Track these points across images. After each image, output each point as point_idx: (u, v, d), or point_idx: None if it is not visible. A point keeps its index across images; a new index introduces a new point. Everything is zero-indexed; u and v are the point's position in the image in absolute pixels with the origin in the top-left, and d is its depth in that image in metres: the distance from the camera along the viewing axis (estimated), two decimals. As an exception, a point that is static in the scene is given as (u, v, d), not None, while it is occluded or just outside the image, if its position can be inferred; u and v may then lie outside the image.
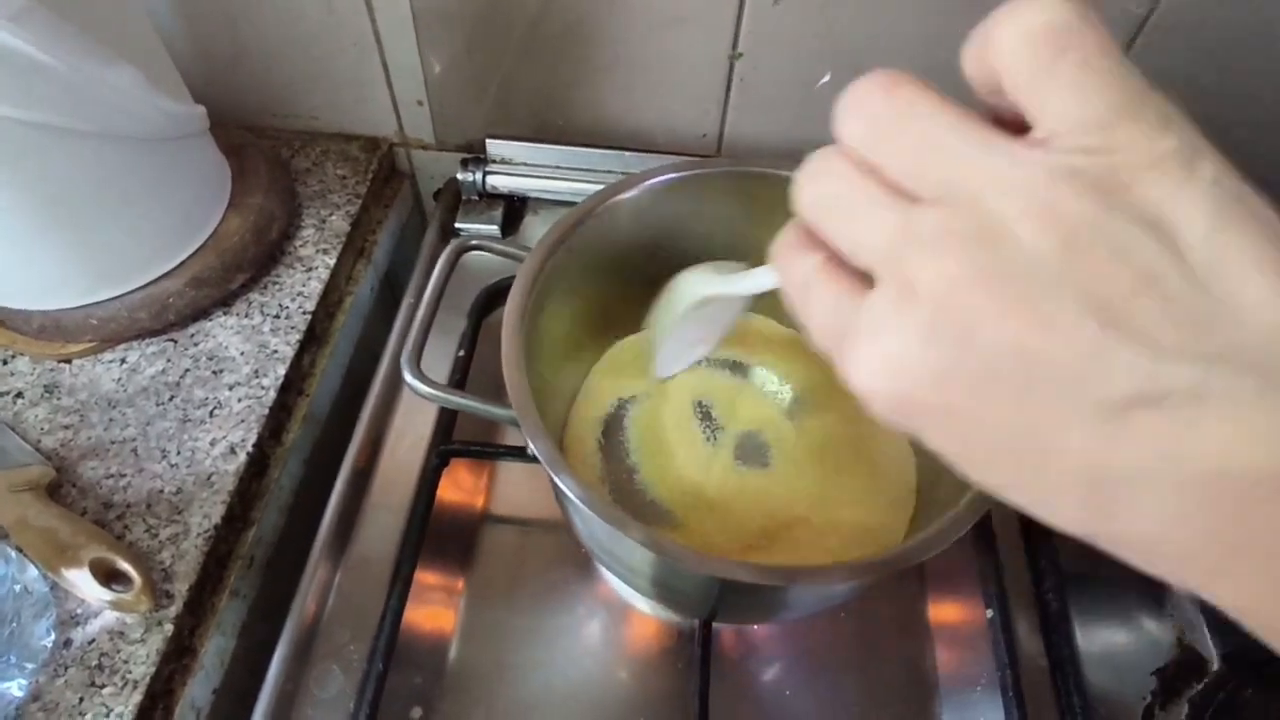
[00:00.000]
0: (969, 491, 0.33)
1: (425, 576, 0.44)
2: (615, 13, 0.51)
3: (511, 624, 0.44)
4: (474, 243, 0.43)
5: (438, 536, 0.45)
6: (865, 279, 0.19)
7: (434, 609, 0.44)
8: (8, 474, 0.42)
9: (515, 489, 0.48)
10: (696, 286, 0.35)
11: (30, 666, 0.37)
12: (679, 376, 0.46)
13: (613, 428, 0.45)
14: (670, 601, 0.43)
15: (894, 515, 0.42)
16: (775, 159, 0.43)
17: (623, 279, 0.45)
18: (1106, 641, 0.44)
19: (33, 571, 0.38)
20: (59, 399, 0.47)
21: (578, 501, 0.32)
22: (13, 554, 0.37)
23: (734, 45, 0.51)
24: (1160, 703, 0.42)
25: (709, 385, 0.47)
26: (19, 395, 0.47)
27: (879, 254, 0.18)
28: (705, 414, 0.46)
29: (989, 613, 0.43)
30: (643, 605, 0.45)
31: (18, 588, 0.36)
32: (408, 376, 0.37)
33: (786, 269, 0.21)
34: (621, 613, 0.44)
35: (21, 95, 0.38)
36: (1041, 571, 0.45)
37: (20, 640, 0.36)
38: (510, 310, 0.38)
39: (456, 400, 0.38)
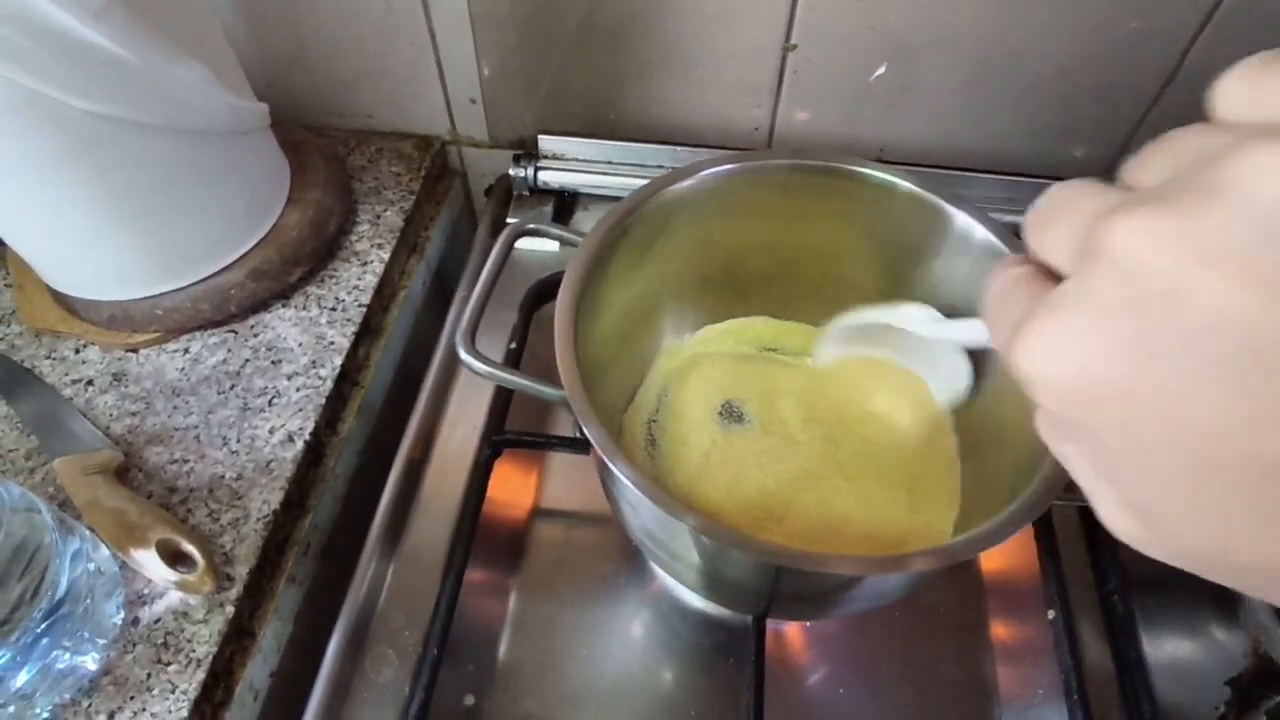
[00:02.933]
0: (1022, 495, 0.32)
1: (477, 567, 0.44)
2: (667, 7, 0.51)
3: (562, 616, 0.44)
4: (531, 226, 0.43)
5: (489, 529, 0.46)
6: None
7: (486, 599, 0.44)
8: (80, 458, 0.43)
9: (566, 483, 0.48)
10: (920, 323, 0.39)
11: (102, 642, 0.38)
12: (712, 372, 0.46)
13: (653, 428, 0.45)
14: (721, 596, 0.42)
15: (938, 520, 0.41)
16: (831, 152, 0.42)
17: (675, 269, 0.45)
18: (1174, 649, 0.43)
19: (104, 551, 0.39)
20: (126, 387, 0.48)
21: (628, 484, 0.31)
22: (88, 534, 0.38)
23: (787, 37, 0.51)
24: (1235, 713, 0.40)
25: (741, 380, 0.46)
26: (90, 383, 0.49)
27: (1079, 238, 0.16)
28: (736, 415, 0.45)
29: (1050, 614, 0.42)
30: (694, 600, 0.44)
31: (91, 566, 0.37)
32: (462, 353, 0.37)
33: (995, 281, 0.20)
34: (672, 606, 0.44)
35: (100, 90, 0.39)
36: (1105, 573, 0.43)
37: (93, 617, 0.37)
38: (564, 293, 0.37)
39: (509, 378, 0.37)
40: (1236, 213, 0.14)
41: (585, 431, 0.33)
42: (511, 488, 0.48)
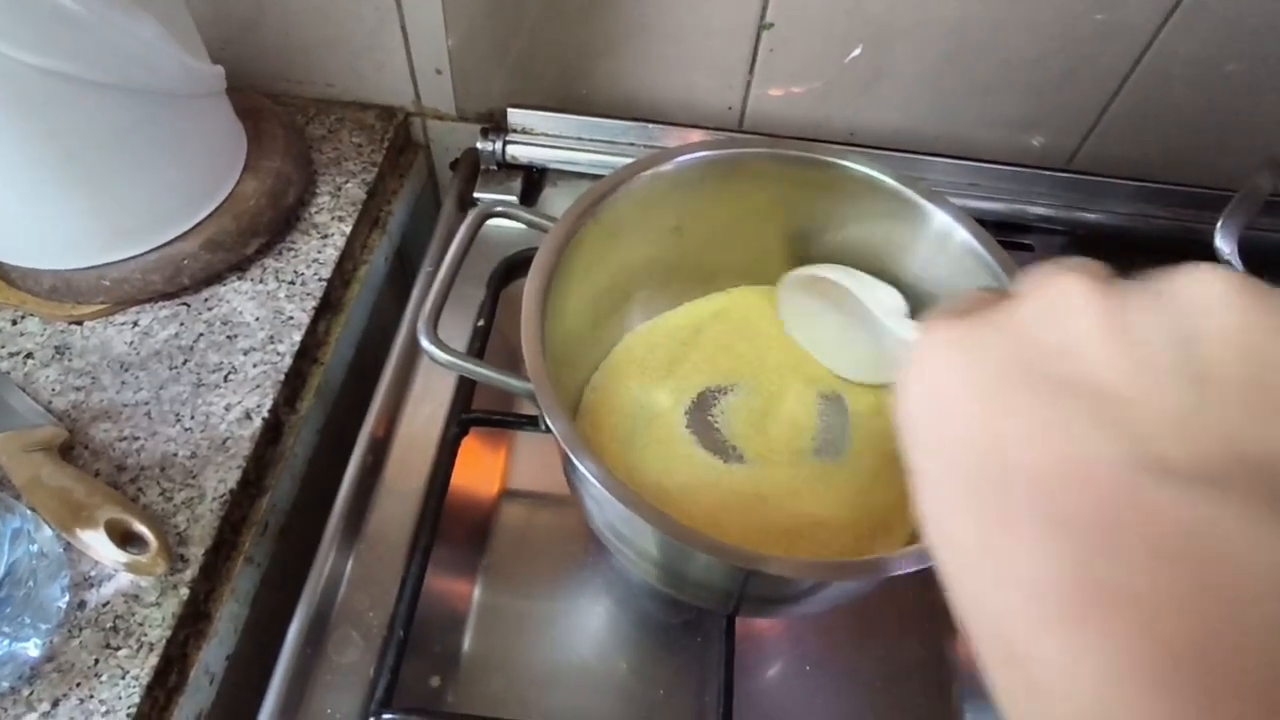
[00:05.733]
0: None
1: (443, 548, 0.43)
2: (642, -19, 0.50)
3: (529, 597, 0.43)
4: (499, 209, 0.42)
5: (455, 509, 0.45)
6: None
7: (452, 580, 0.43)
8: (20, 434, 0.41)
9: (533, 462, 0.48)
10: (881, 299, 0.40)
11: (45, 627, 0.36)
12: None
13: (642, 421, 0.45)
14: (686, 593, 0.42)
15: (900, 511, 0.41)
16: (809, 141, 0.42)
17: (646, 258, 0.45)
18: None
19: (47, 532, 0.37)
20: (70, 360, 0.46)
21: (593, 480, 0.31)
22: (29, 513, 0.36)
23: (763, 16, 0.51)
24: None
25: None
26: (29, 356, 0.46)
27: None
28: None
29: (1011, 591, 0.43)
30: (662, 579, 0.44)
31: (34, 548, 0.35)
32: (424, 342, 0.36)
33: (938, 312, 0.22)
34: (640, 586, 0.44)
35: (45, 42, 0.37)
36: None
37: (35, 601, 0.35)
38: (532, 281, 0.36)
39: (472, 369, 0.36)
40: (1161, 311, 0.16)
41: (550, 426, 0.32)
42: (478, 467, 0.47)
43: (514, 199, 0.57)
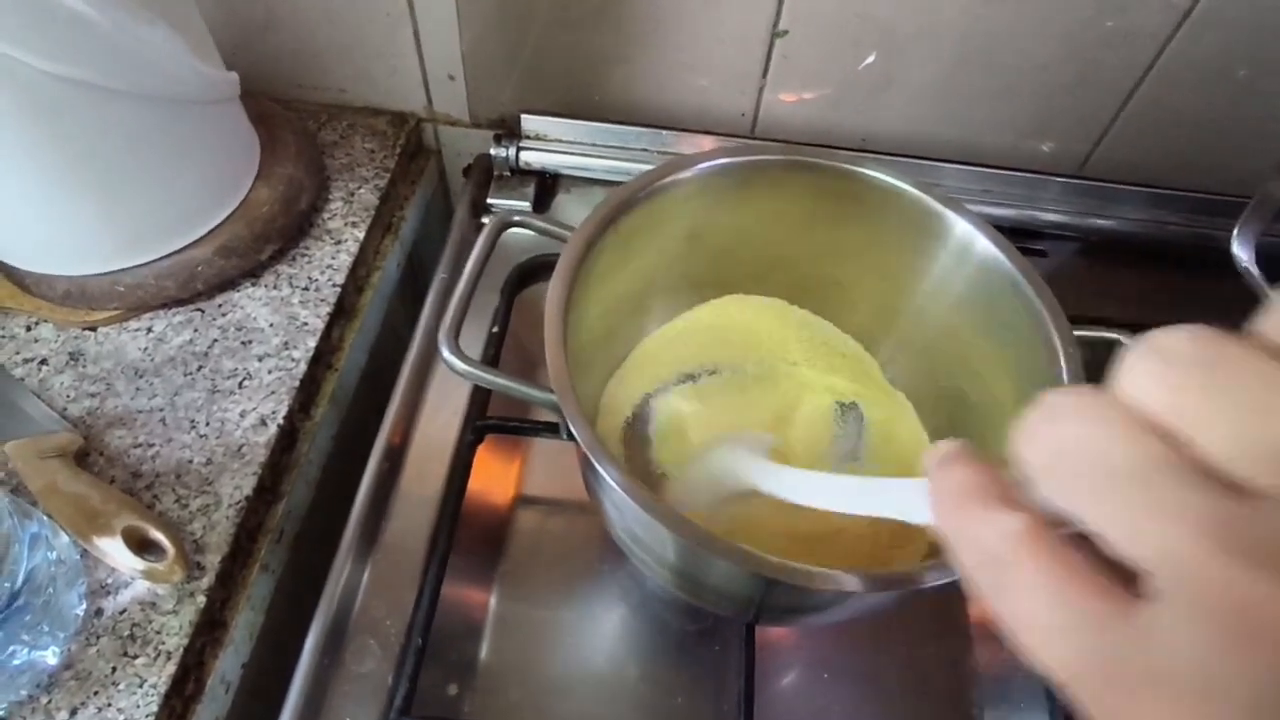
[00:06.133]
0: None
1: (459, 556, 0.43)
2: (656, -12, 0.50)
3: (546, 604, 0.43)
4: (516, 218, 0.41)
5: (471, 516, 0.45)
6: (1108, 570, 0.13)
7: (468, 588, 0.43)
8: (35, 440, 0.41)
9: (549, 469, 0.48)
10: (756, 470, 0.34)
11: (63, 635, 0.36)
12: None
13: (638, 421, 0.44)
14: (706, 600, 0.42)
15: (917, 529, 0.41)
16: (827, 150, 0.42)
17: (662, 265, 0.44)
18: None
19: (64, 539, 0.37)
20: (84, 367, 0.46)
21: (616, 487, 0.31)
22: (46, 520, 0.36)
23: (775, 23, 0.51)
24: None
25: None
26: (43, 362, 0.46)
27: (1177, 550, 0.12)
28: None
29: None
30: (679, 586, 0.44)
31: (52, 555, 0.35)
32: (445, 353, 0.36)
33: (963, 528, 0.15)
34: (657, 593, 0.44)
35: (61, 49, 0.37)
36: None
37: (53, 609, 0.35)
38: (553, 291, 0.36)
39: (493, 380, 0.36)
40: None
41: (575, 434, 0.32)
42: (493, 473, 0.47)
43: (527, 205, 0.57)
